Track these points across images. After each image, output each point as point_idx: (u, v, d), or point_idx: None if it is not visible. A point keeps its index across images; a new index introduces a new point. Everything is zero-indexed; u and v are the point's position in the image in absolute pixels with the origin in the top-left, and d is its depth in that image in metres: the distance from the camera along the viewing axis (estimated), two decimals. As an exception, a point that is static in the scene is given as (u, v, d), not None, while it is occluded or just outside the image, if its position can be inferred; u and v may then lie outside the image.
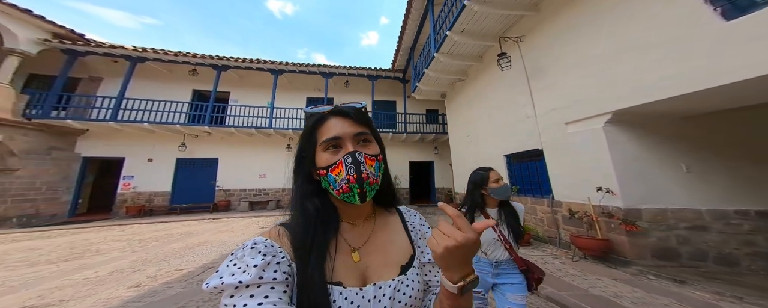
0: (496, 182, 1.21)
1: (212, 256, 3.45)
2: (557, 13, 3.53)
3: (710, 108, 2.62)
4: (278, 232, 0.41)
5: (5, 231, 5.48)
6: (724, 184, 2.76)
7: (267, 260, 0.35)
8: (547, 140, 3.69)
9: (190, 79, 8.80)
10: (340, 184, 0.40)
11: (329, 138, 0.42)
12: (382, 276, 0.42)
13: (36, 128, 6.31)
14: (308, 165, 0.45)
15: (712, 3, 2.00)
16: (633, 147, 2.83)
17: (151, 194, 7.87)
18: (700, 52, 2.07)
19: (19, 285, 2.48)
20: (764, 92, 2.09)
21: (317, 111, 0.46)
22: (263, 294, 0.32)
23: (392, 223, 0.50)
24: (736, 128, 2.88)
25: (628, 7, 2.62)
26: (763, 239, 2.61)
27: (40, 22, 6.18)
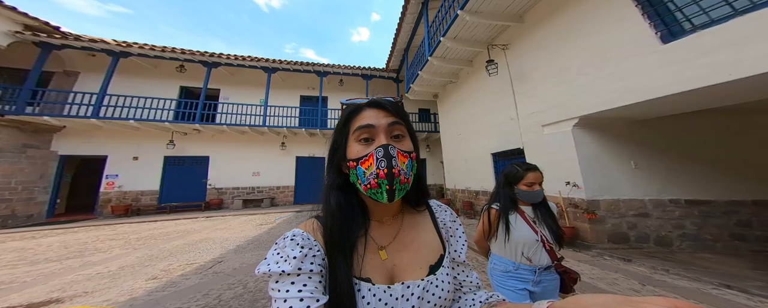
0: (529, 185, 1.04)
1: (218, 251, 3.61)
2: (538, 26, 3.98)
3: (652, 115, 3.21)
4: (313, 225, 0.42)
5: (-21, 234, 5.19)
6: (663, 178, 3.39)
7: (304, 252, 0.37)
8: (527, 140, 4.19)
9: (177, 75, 8.50)
10: (369, 178, 0.39)
11: (362, 125, 0.41)
12: (410, 275, 0.41)
13: (9, 124, 5.92)
14: (339, 157, 0.44)
15: (654, 27, 2.49)
16: (594, 147, 3.38)
17: (137, 193, 7.64)
18: (641, 69, 2.58)
19: (32, 281, 2.55)
20: (690, 103, 2.66)
21: (354, 102, 0.46)
22: (302, 283, 0.35)
23: (421, 221, 0.48)
24: (672, 130, 3.49)
25: (589, 26, 3.12)
26: (690, 223, 3.25)
27: (11, 13, 5.72)
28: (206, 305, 2.03)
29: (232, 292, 2.26)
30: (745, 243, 3.18)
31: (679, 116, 3.24)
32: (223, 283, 2.45)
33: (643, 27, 2.55)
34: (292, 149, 9.32)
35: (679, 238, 3.20)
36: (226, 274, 2.70)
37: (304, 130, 8.77)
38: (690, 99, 2.45)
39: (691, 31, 2.27)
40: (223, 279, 2.55)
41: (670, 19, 2.44)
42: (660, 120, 3.35)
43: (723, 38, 2.04)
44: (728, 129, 3.56)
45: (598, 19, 3.02)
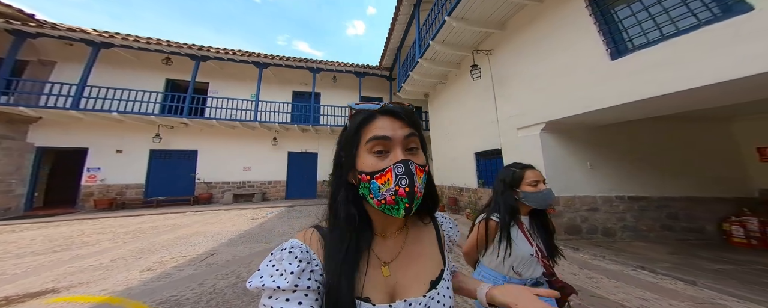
0: (533, 185, 0.91)
1: (210, 245, 3.72)
2: (517, 33, 4.27)
3: (606, 121, 3.63)
4: (312, 237, 0.40)
5: (-49, 228, 5.00)
6: (612, 176, 3.88)
7: (302, 267, 0.35)
8: (504, 141, 4.53)
9: (163, 67, 8.24)
10: (385, 194, 0.37)
11: (377, 136, 0.38)
12: (412, 292, 0.40)
13: (-20, 114, 5.63)
14: (347, 168, 0.41)
15: (606, 45, 2.83)
16: (559, 150, 3.77)
17: (122, 186, 7.48)
18: (595, 81, 2.93)
19: (23, 273, 2.59)
20: (634, 112, 3.05)
21: (364, 108, 0.42)
22: (297, 301, 0.33)
23: (426, 235, 0.47)
24: (623, 135, 3.94)
25: (558, 39, 3.45)
26: (630, 216, 3.75)
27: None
28: (201, 293, 2.18)
29: (226, 281, 2.42)
30: (672, 233, 3.72)
31: (629, 122, 3.70)
32: (216, 274, 2.60)
33: (598, 43, 2.90)
34: (284, 144, 9.33)
35: (621, 229, 3.74)
36: (219, 266, 2.85)
37: (296, 126, 8.79)
38: (633, 109, 2.83)
39: (632, 50, 2.64)
40: (216, 270, 2.70)
41: (618, 38, 2.79)
42: (613, 126, 3.82)
43: (655, 58, 2.41)
44: (668, 134, 4.09)
45: (565, 33, 3.35)
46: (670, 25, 2.39)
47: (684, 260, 2.86)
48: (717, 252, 3.16)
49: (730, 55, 1.94)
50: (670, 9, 2.37)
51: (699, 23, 2.18)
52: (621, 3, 2.77)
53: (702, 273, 2.47)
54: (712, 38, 2.05)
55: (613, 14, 2.85)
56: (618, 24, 2.79)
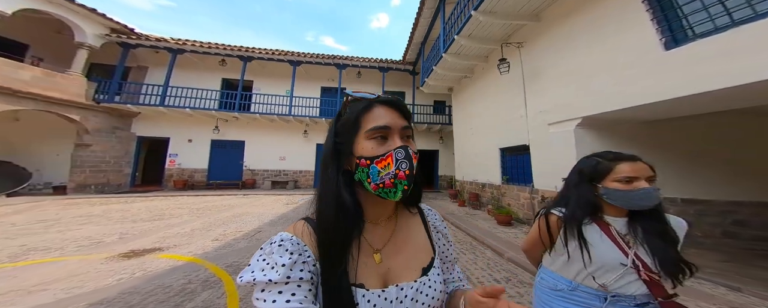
0: (625, 181, 0.69)
1: (256, 223, 4.46)
2: (554, 25, 3.91)
3: (655, 117, 3.17)
4: (303, 228, 0.40)
5: (88, 196, 6.92)
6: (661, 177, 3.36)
7: (294, 259, 0.35)
8: (533, 137, 4.28)
9: (219, 68, 9.61)
10: (384, 178, 0.38)
11: (378, 126, 0.39)
12: (404, 278, 0.41)
13: (103, 110, 7.50)
14: (345, 154, 0.42)
15: (661, 33, 2.48)
16: (594, 146, 3.42)
17: (192, 170, 9.17)
18: (644, 74, 2.60)
19: (139, 234, 3.59)
20: (690, 107, 2.64)
21: (362, 96, 0.44)
22: (290, 292, 0.33)
23: (413, 223, 0.48)
24: (676, 132, 3.47)
25: (602, 30, 3.10)
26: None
27: (102, 18, 7.04)
28: (254, 262, 2.75)
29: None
30: (737, 241, 3.23)
31: (683, 118, 3.16)
32: None
33: (649, 32, 2.56)
34: (313, 136, 10.13)
35: None
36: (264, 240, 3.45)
37: (324, 119, 9.45)
38: (689, 103, 2.45)
39: (692, 39, 2.27)
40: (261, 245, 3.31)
41: (676, 26, 2.42)
42: (664, 122, 3.30)
43: (719, 47, 2.06)
44: (734, 132, 3.43)
45: (610, 23, 2.99)
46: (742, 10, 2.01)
47: (737, 268, 2.50)
48: None
49: None
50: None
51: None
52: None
53: (754, 281, 2.15)
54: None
55: (672, 1, 2.46)
56: (676, 11, 2.43)
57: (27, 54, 7.31)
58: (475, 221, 4.80)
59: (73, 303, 1.79)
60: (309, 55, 9.34)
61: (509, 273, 2.52)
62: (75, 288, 2.01)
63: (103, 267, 2.43)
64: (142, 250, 2.94)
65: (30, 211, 5.00)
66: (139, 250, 2.94)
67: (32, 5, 6.08)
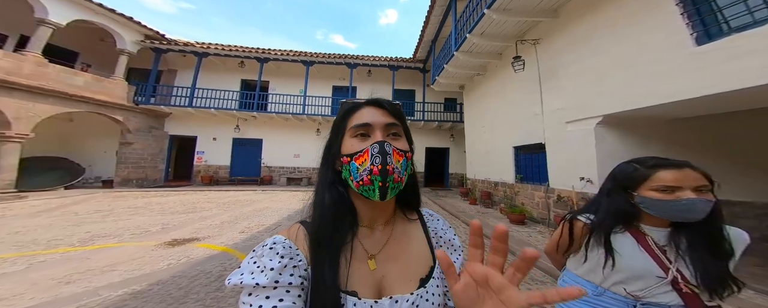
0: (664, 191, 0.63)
1: (276, 218, 4.83)
2: (573, 22, 3.79)
3: (683, 115, 3.03)
4: (297, 232, 0.40)
5: (130, 189, 7.76)
6: None
7: (284, 263, 0.34)
8: (549, 135, 4.22)
9: (238, 70, 10.17)
10: (362, 174, 0.37)
11: (359, 124, 0.40)
12: (399, 288, 0.38)
13: (141, 111, 8.30)
14: (335, 153, 0.43)
15: (692, 28, 2.37)
16: (616, 145, 3.38)
17: (217, 167, 9.90)
18: (673, 71, 2.51)
19: (178, 224, 4.06)
20: (724, 105, 2.53)
21: (353, 101, 0.45)
22: (278, 298, 0.32)
23: (412, 230, 0.46)
24: (707, 130, 3.35)
25: (625, 26, 3.00)
26: None
27: (138, 26, 7.74)
28: (277, 254, 3.06)
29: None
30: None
31: (716, 116, 3.00)
32: None
33: (678, 28, 2.45)
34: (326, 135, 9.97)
35: None
36: (286, 236, 3.80)
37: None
38: (723, 101, 2.35)
39: (727, 33, 2.17)
40: (284, 239, 3.63)
41: (710, 20, 2.31)
42: (691, 119, 3.15)
43: (758, 42, 1.95)
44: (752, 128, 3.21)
45: (635, 18, 2.88)
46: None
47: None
48: None
49: None
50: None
51: None
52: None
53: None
54: None
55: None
56: (710, 4, 2.31)
57: (77, 61, 8.23)
58: (488, 219, 4.84)
59: (136, 283, 2.16)
60: (321, 55, 9.60)
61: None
62: (135, 270, 2.39)
63: (154, 253, 2.84)
64: (183, 239, 3.36)
65: (86, 202, 5.76)
66: (180, 239, 3.36)
67: (81, 16, 6.80)
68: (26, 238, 3.18)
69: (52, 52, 6.54)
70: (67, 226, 3.79)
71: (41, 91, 5.98)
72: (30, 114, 5.84)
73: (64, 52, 7.70)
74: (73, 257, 2.66)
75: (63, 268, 2.37)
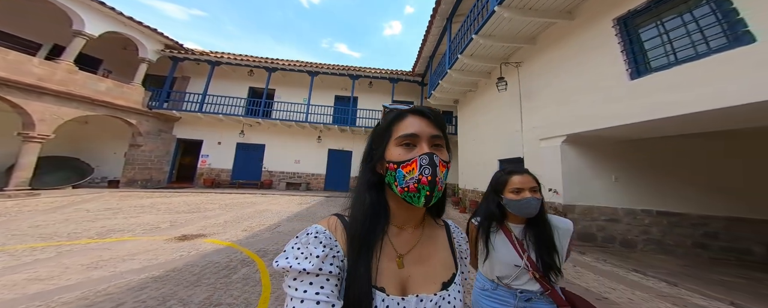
0: (515, 192, 0.83)
1: (276, 219, 5.11)
2: (547, 49, 4.34)
3: (630, 137, 3.57)
4: (335, 224, 0.42)
5: (136, 190, 8.04)
6: (640, 191, 3.79)
7: (326, 251, 0.37)
8: (527, 150, 4.66)
9: (247, 78, 10.76)
10: (409, 182, 0.39)
11: (406, 134, 0.42)
12: (424, 289, 0.40)
13: (153, 115, 8.75)
14: (377, 158, 0.45)
15: (627, 64, 2.90)
16: (578, 161, 3.86)
17: (219, 170, 10.22)
18: (613, 99, 3.03)
19: (185, 222, 4.35)
20: (653, 130, 3.04)
21: (397, 108, 0.46)
22: (320, 284, 0.34)
23: (439, 236, 0.49)
24: (655, 151, 3.88)
25: (581, 57, 3.59)
26: (657, 230, 3.78)
27: (160, 37, 8.38)
28: (277, 250, 3.32)
29: (291, 247, 3.57)
30: (706, 251, 3.65)
31: (656, 139, 3.55)
32: (284, 238, 3.78)
33: (620, 63, 3.00)
34: (326, 142, 10.86)
35: (643, 242, 3.71)
36: (284, 233, 4.07)
37: (337, 126, 10.16)
38: (652, 127, 2.85)
39: (650, 71, 2.71)
40: (283, 236, 3.90)
41: (639, 59, 2.83)
42: (644, 141, 3.68)
43: (669, 81, 2.48)
44: (708, 152, 3.84)
45: (591, 51, 3.44)
46: (684, 51, 2.44)
47: (690, 271, 2.87)
48: (748, 273, 2.91)
49: (734, 82, 2.02)
50: (679, 38, 2.52)
51: (709, 51, 2.24)
52: (647, 24, 2.82)
53: (695, 281, 2.53)
54: (720, 66, 2.13)
55: (638, 36, 2.88)
56: (640, 45, 2.85)
57: (100, 67, 8.80)
58: (474, 228, 5.13)
59: (154, 270, 2.45)
60: (326, 66, 10.22)
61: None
62: (152, 259, 2.69)
63: (167, 246, 3.13)
64: (191, 235, 3.65)
65: (96, 201, 6.05)
66: (189, 235, 3.65)
67: (113, 28, 7.42)
68: (48, 231, 3.48)
69: (79, 59, 7.06)
70: (83, 221, 4.08)
71: (68, 96, 6.44)
72: (54, 117, 6.27)
73: (89, 59, 8.26)
74: (95, 247, 2.95)
75: (89, 256, 2.67)
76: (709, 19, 2.33)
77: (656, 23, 2.77)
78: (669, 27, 2.65)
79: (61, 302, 1.81)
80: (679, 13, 2.58)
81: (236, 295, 2.07)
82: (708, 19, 2.34)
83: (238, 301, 1.98)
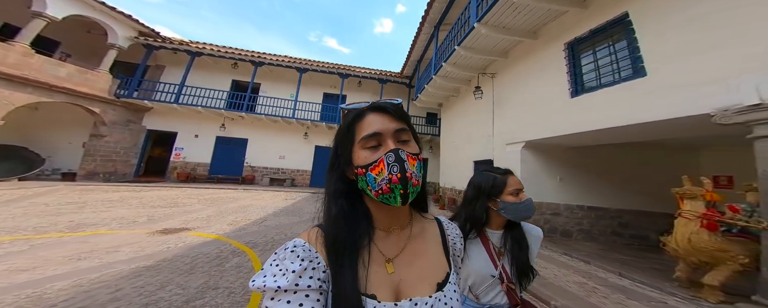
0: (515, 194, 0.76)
1: (262, 214, 5.14)
2: (515, 63, 5.06)
3: (571, 145, 4.34)
4: (316, 235, 0.40)
5: (97, 183, 7.40)
6: (576, 190, 4.66)
7: (304, 265, 0.35)
8: (496, 153, 5.33)
9: (230, 70, 10.33)
10: (381, 184, 0.38)
11: (369, 134, 0.40)
12: (418, 291, 0.39)
13: (121, 104, 8.07)
14: (343, 164, 0.43)
15: (570, 84, 3.61)
16: (534, 164, 4.60)
17: (195, 164, 9.71)
18: (558, 112, 3.73)
19: (164, 217, 4.24)
20: (589, 140, 3.79)
21: (354, 107, 0.44)
22: (299, 302, 0.33)
23: (429, 233, 0.47)
24: (590, 157, 4.69)
25: (539, 73, 4.29)
26: (587, 222, 4.61)
27: (135, 23, 7.74)
28: (265, 241, 3.45)
29: (278, 236, 3.71)
30: (620, 238, 4.59)
31: (599, 146, 4.45)
32: (270, 231, 3.90)
33: (565, 83, 3.72)
34: (313, 138, 10.84)
35: (577, 232, 4.57)
36: (271, 227, 4.18)
37: (324, 123, 10.21)
38: (586, 137, 3.61)
39: (582, 92, 3.46)
40: (270, 230, 4.01)
41: (578, 80, 3.58)
42: (586, 148, 4.58)
43: (592, 101, 3.25)
44: (629, 159, 4.86)
45: (546, 70, 4.16)
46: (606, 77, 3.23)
47: (603, 253, 3.75)
48: (642, 254, 3.87)
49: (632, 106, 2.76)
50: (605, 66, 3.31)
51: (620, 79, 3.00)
52: (586, 51, 3.58)
53: (603, 260, 3.32)
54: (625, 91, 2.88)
55: (579, 60, 3.63)
56: (580, 68, 3.61)
57: (57, 50, 7.87)
58: (451, 223, 5.67)
59: (144, 261, 2.49)
60: (315, 63, 10.21)
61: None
62: (139, 251, 2.70)
63: (151, 239, 3.11)
64: (174, 229, 3.63)
65: (52, 194, 5.53)
66: (171, 229, 3.62)
67: (79, 11, 6.73)
68: (8, 225, 3.23)
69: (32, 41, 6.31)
70: (45, 216, 3.81)
71: (22, 80, 5.79)
72: (5, 103, 5.58)
73: (45, 41, 7.36)
74: (70, 241, 2.86)
75: (67, 248, 2.61)
76: (624, 52, 3.03)
77: (592, 51, 3.48)
78: (599, 56, 3.37)
79: (56, 289, 1.84)
80: (607, 45, 3.28)
81: (232, 280, 2.23)
82: (623, 52, 3.04)
83: (235, 285, 2.15)
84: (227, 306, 1.83)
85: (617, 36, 3.12)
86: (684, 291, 2.33)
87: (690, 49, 2.36)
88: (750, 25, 2.01)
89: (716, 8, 2.21)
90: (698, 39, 2.31)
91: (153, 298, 1.84)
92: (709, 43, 2.23)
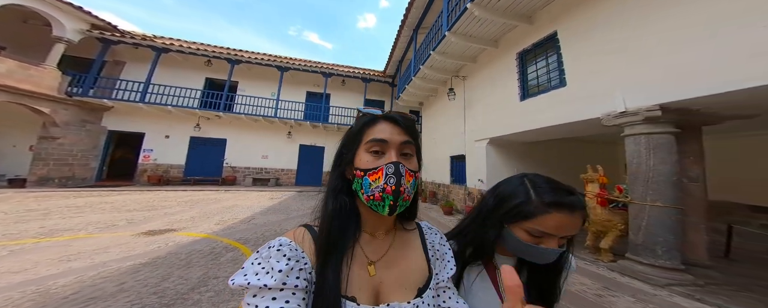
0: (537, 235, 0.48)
1: (249, 213, 5.24)
2: (481, 68, 5.74)
3: (524, 141, 5.12)
4: (302, 235, 0.41)
5: (53, 189, 6.79)
6: None
7: (291, 265, 0.35)
8: (467, 149, 6.02)
9: (203, 68, 9.81)
10: (374, 191, 0.39)
11: (375, 139, 0.42)
12: (397, 295, 0.40)
13: (74, 103, 7.34)
14: (345, 163, 0.45)
15: (519, 89, 4.35)
16: (497, 158, 5.34)
17: (168, 166, 9.20)
18: (513, 113, 4.45)
19: (144, 219, 4.20)
20: (536, 136, 4.59)
21: (370, 112, 0.47)
22: (285, 299, 0.33)
23: (411, 240, 0.49)
24: (539, 151, 5.45)
25: (496, 79, 5.03)
26: None
27: (85, 15, 6.99)
28: (257, 237, 3.66)
29: (268, 233, 3.92)
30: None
31: (553, 141, 5.30)
32: (260, 229, 4.09)
33: (516, 88, 4.45)
34: (297, 137, 10.81)
35: None
36: (260, 225, 4.36)
37: (308, 123, 10.23)
38: (533, 134, 4.39)
39: (526, 97, 4.24)
40: (259, 227, 4.20)
41: (524, 86, 4.35)
42: (538, 143, 5.41)
43: (533, 105, 4.01)
44: (574, 152, 5.74)
45: (503, 76, 4.88)
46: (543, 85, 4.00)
47: None
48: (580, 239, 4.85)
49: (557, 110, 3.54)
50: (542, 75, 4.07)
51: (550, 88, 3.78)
52: (531, 61, 4.34)
53: None
54: (552, 98, 3.66)
55: (526, 69, 4.37)
56: (526, 76, 4.35)
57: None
58: (430, 213, 6.23)
59: (138, 259, 2.61)
60: (297, 61, 10.11)
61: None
62: (130, 251, 2.79)
63: (138, 240, 3.17)
64: (159, 230, 3.67)
65: (2, 203, 5.05)
66: (156, 230, 3.66)
67: (17, 0, 5.96)
68: (-33, 235, 3.05)
69: None
70: (9, 224, 3.59)
71: None
72: None
73: None
74: (51, 245, 2.83)
75: (51, 252, 2.61)
76: (554, 65, 3.78)
77: (535, 62, 4.20)
78: (539, 66, 4.10)
79: (60, 285, 1.96)
80: (544, 57, 4.02)
81: (231, 271, 2.47)
82: (554, 65, 3.79)
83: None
84: (231, 291, 2.08)
85: (551, 51, 3.84)
86: (590, 255, 3.10)
87: (591, 69, 3.15)
88: (619, 55, 2.85)
89: (604, 45, 3.05)
90: (595, 62, 3.10)
91: (159, 288, 2.04)
92: (601, 67, 3.03)
